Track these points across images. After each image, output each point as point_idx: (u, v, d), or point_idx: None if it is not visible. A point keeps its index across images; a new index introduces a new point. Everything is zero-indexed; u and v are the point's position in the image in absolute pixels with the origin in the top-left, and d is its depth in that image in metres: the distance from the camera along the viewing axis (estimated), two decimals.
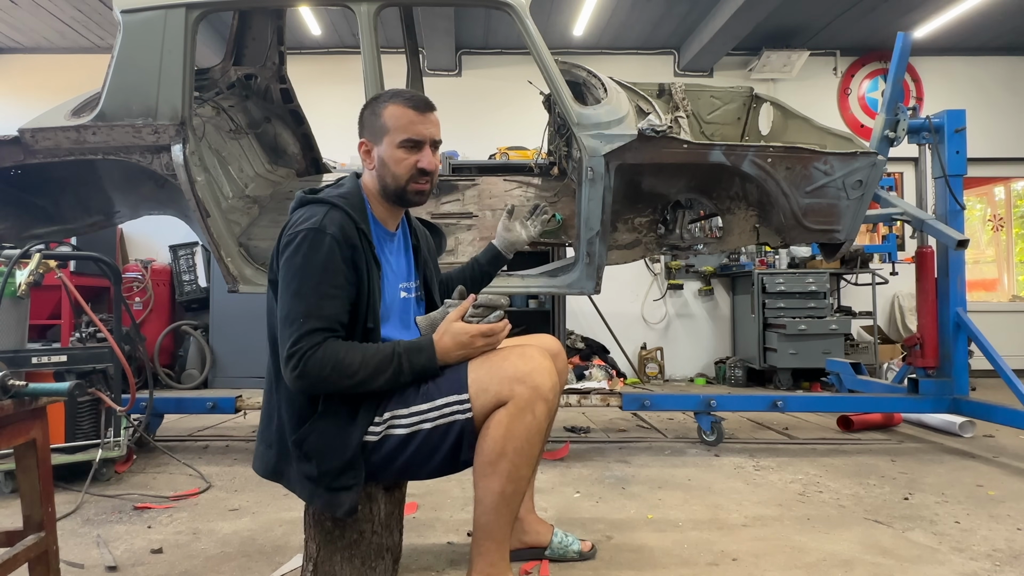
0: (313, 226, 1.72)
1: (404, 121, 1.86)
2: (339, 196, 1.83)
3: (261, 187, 3.99)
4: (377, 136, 1.89)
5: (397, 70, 5.13)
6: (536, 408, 1.67)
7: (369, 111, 1.92)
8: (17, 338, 3.00)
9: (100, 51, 7.75)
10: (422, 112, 1.87)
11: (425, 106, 1.89)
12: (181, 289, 7.11)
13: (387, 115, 1.87)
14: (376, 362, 1.68)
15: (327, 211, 1.76)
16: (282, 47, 4.35)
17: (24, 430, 1.54)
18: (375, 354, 1.69)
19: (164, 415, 4.09)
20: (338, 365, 1.65)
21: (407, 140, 1.85)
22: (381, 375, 1.69)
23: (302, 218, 1.77)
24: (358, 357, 1.67)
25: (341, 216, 1.76)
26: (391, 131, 1.86)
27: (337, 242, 1.71)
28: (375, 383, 1.69)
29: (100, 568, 2.14)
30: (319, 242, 1.70)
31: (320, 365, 1.64)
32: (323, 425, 1.71)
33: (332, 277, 1.70)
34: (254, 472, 1.96)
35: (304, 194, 1.86)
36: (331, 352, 1.65)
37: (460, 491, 2.98)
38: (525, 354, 1.73)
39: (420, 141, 1.86)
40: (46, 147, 3.35)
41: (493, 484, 1.68)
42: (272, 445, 1.81)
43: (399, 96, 1.90)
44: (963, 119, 4.13)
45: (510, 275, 3.51)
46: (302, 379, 1.65)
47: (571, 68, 3.95)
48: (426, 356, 1.73)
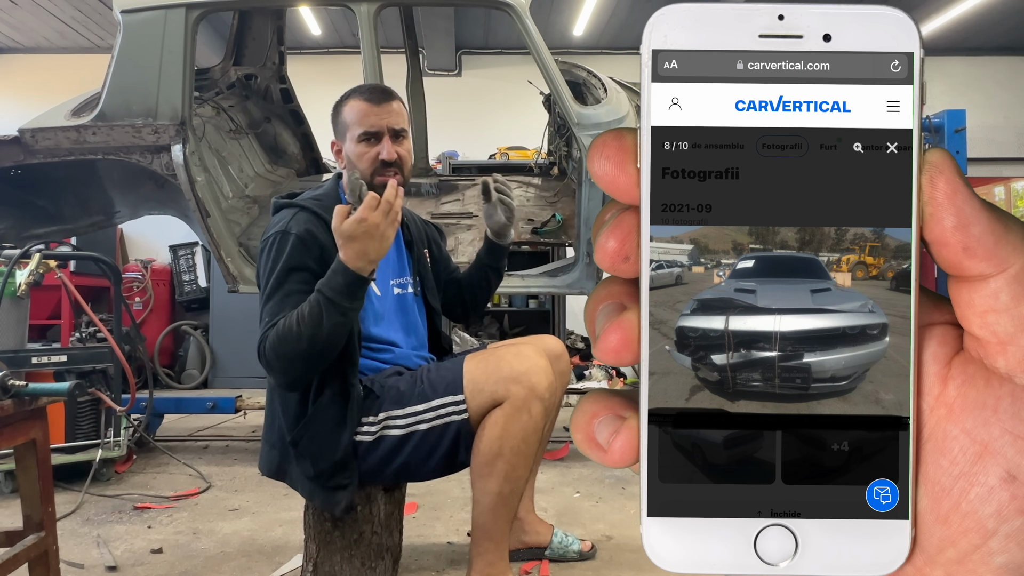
0: (280, 229, 1.73)
1: (359, 115, 1.85)
2: (312, 198, 1.83)
3: (261, 187, 3.99)
4: (342, 134, 1.89)
5: (397, 70, 5.12)
6: (532, 408, 1.67)
7: (335, 112, 1.92)
8: (17, 338, 3.00)
9: (100, 51, 7.75)
10: (377, 103, 1.86)
11: (381, 96, 1.87)
12: (181, 289, 7.11)
13: (346, 112, 1.87)
14: (307, 311, 1.60)
15: (295, 213, 1.77)
16: (282, 47, 4.35)
17: (24, 430, 1.54)
18: (305, 306, 1.62)
19: (164, 415, 4.09)
20: (281, 336, 1.60)
21: (363, 133, 1.84)
22: (322, 319, 1.58)
23: (272, 223, 1.78)
24: (293, 319, 1.61)
25: (308, 216, 1.75)
26: (350, 127, 1.86)
27: (302, 241, 1.70)
28: (324, 330, 1.59)
29: (100, 568, 2.14)
30: (284, 244, 1.70)
31: (271, 348, 1.62)
32: (314, 426, 1.71)
33: (298, 277, 1.68)
34: (256, 472, 1.97)
35: (278, 199, 1.86)
36: (273, 332, 1.63)
37: (460, 491, 2.98)
38: (521, 353, 1.72)
39: (376, 132, 1.84)
40: (46, 147, 3.35)
41: (490, 485, 1.68)
42: (275, 445, 1.81)
43: (356, 91, 1.90)
44: (963, 119, 4.13)
45: (510, 275, 3.50)
46: (272, 371, 1.66)
47: (571, 68, 3.95)
48: (340, 274, 1.60)
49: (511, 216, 2.04)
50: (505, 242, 2.11)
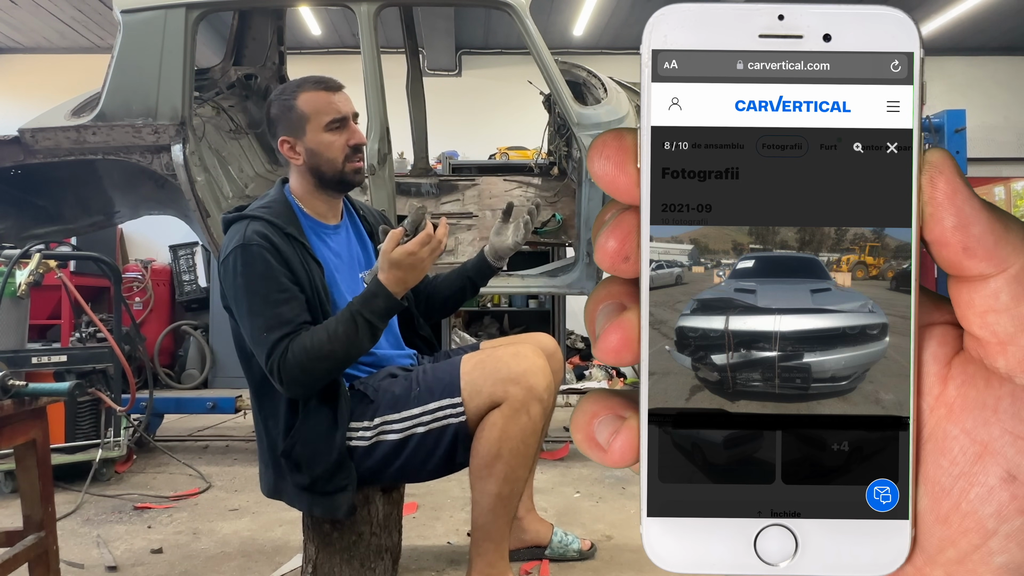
0: (238, 243, 1.70)
1: (322, 104, 1.85)
2: (260, 207, 1.81)
3: (261, 187, 3.98)
4: (297, 128, 1.86)
5: (397, 70, 5.12)
6: (531, 409, 1.67)
7: (277, 107, 1.89)
8: (17, 338, 2.99)
9: (100, 51, 7.74)
10: (336, 91, 1.88)
11: (334, 84, 1.90)
12: (181, 289, 7.11)
13: (301, 104, 1.86)
14: (342, 330, 1.63)
15: (247, 224, 1.74)
16: (282, 47, 4.35)
17: (24, 430, 1.54)
18: (336, 324, 1.65)
19: (164, 415, 4.09)
20: (310, 353, 1.62)
21: (332, 121, 1.85)
22: (353, 339, 1.63)
23: (227, 239, 1.76)
24: (323, 335, 1.63)
25: (262, 225, 1.73)
26: (311, 117, 1.85)
27: (265, 249, 1.69)
28: (357, 348, 1.64)
29: (100, 568, 2.14)
30: (249, 256, 1.68)
31: (295, 364, 1.62)
32: (305, 432, 1.70)
33: (275, 283, 1.67)
34: (256, 472, 1.96)
35: (226, 215, 1.84)
36: (298, 347, 1.63)
37: (460, 491, 2.98)
38: (519, 354, 1.72)
39: (343, 118, 1.86)
40: (46, 147, 3.35)
41: (490, 486, 1.68)
42: (268, 464, 1.81)
43: (306, 83, 1.89)
44: (963, 119, 4.13)
45: (510, 275, 3.51)
46: (292, 386, 1.64)
47: (571, 68, 3.95)
48: (382, 298, 1.65)
49: (520, 244, 2.03)
50: (501, 264, 2.09)
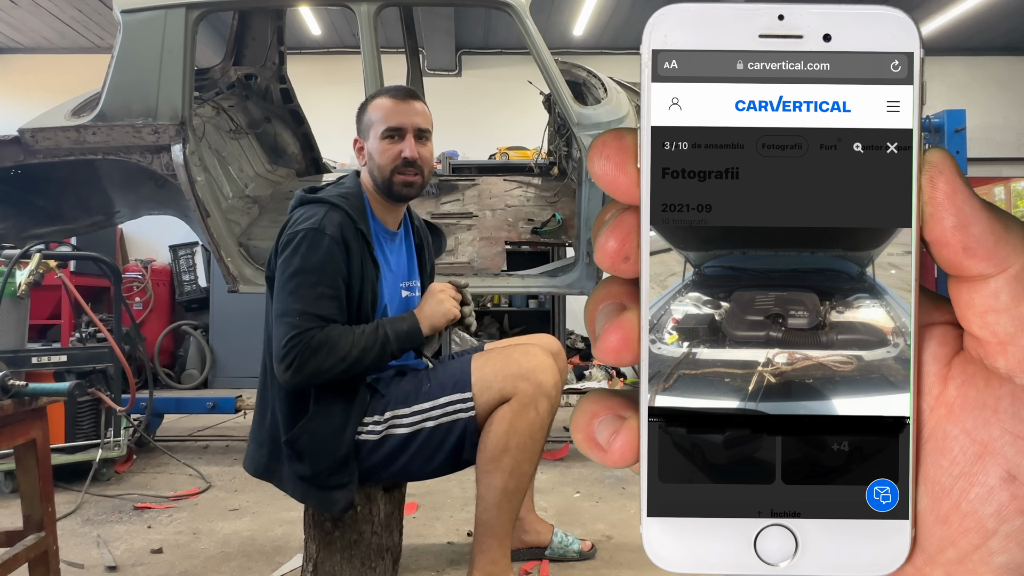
0: (312, 226, 1.72)
1: (384, 111, 1.88)
2: (339, 196, 1.83)
3: (261, 187, 3.99)
4: (366, 132, 1.91)
5: (397, 70, 5.12)
6: (539, 404, 1.69)
7: (360, 111, 1.95)
8: (17, 338, 2.99)
9: (100, 51, 7.74)
10: (402, 100, 1.89)
11: (405, 95, 1.91)
12: (181, 289, 7.11)
13: (371, 109, 1.90)
14: (365, 341, 1.70)
15: (326, 211, 1.76)
16: (282, 47, 4.35)
17: (24, 430, 1.54)
18: (363, 332, 1.71)
19: (164, 415, 4.09)
20: (332, 348, 1.65)
21: (387, 129, 1.86)
22: (370, 350, 1.70)
23: (302, 218, 1.77)
24: (349, 338, 1.68)
25: (340, 216, 1.76)
26: (374, 123, 1.89)
27: (336, 243, 1.71)
28: (365, 360, 1.70)
29: (100, 568, 2.15)
30: (318, 243, 1.70)
31: (314, 353, 1.64)
32: (315, 425, 1.71)
33: (329, 278, 1.70)
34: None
35: (304, 193, 1.86)
36: (322, 338, 1.66)
37: (460, 491, 2.98)
38: (528, 352, 1.74)
39: (400, 128, 1.87)
40: (46, 147, 3.35)
41: (496, 480, 1.69)
42: (264, 444, 1.81)
43: (384, 91, 1.95)
44: (963, 119, 4.13)
45: (510, 275, 3.51)
46: (298, 374, 1.65)
47: (571, 68, 3.95)
48: (408, 321, 1.76)
49: None
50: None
